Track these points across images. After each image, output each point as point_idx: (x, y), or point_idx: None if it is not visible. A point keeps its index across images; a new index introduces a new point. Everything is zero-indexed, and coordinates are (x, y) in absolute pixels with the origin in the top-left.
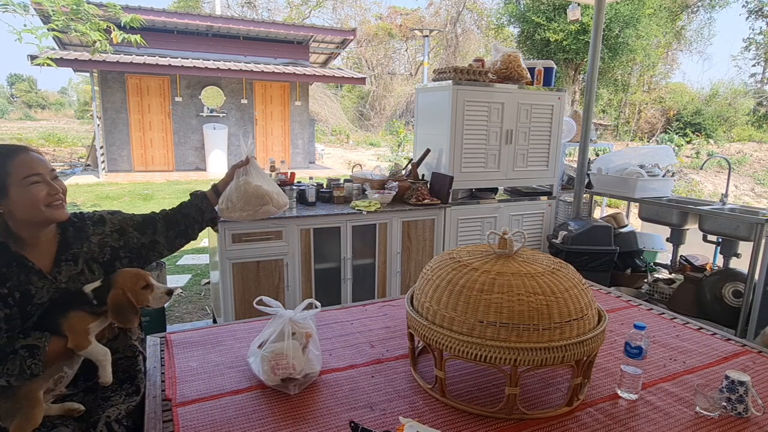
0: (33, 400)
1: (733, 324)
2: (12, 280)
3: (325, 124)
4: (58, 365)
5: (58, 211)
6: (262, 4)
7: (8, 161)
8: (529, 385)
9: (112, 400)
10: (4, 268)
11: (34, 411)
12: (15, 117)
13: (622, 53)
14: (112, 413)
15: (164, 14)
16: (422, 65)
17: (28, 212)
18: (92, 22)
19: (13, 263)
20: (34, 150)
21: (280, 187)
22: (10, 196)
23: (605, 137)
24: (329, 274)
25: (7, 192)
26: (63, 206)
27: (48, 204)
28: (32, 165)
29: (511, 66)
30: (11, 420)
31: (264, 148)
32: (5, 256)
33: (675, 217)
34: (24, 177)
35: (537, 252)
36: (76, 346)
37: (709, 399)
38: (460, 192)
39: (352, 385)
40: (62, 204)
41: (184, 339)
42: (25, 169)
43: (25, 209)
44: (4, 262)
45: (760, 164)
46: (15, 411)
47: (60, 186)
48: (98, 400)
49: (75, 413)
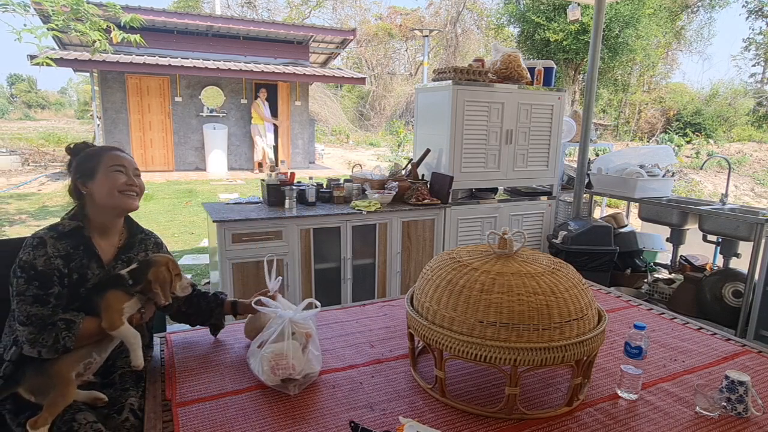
0: (66, 379)
1: (733, 324)
2: (76, 261)
3: (325, 124)
4: (88, 349)
5: (129, 200)
6: (262, 4)
7: (104, 153)
8: (529, 385)
9: (131, 393)
10: (72, 248)
11: (68, 389)
12: (15, 117)
13: (622, 53)
14: (135, 402)
15: (164, 14)
16: (422, 65)
17: (106, 195)
18: (92, 21)
19: (81, 245)
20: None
21: (281, 187)
22: (95, 179)
23: (605, 137)
24: (329, 274)
25: (94, 175)
26: (135, 198)
27: (122, 191)
28: (120, 159)
29: (511, 66)
30: (44, 396)
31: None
32: (77, 237)
33: (675, 217)
34: (110, 165)
35: (537, 252)
36: (109, 325)
37: (709, 399)
38: (460, 192)
39: (352, 385)
40: (135, 196)
41: (184, 339)
42: (114, 160)
43: (104, 191)
44: (75, 243)
45: (760, 164)
46: (49, 388)
47: (139, 182)
48: (119, 391)
49: (99, 402)
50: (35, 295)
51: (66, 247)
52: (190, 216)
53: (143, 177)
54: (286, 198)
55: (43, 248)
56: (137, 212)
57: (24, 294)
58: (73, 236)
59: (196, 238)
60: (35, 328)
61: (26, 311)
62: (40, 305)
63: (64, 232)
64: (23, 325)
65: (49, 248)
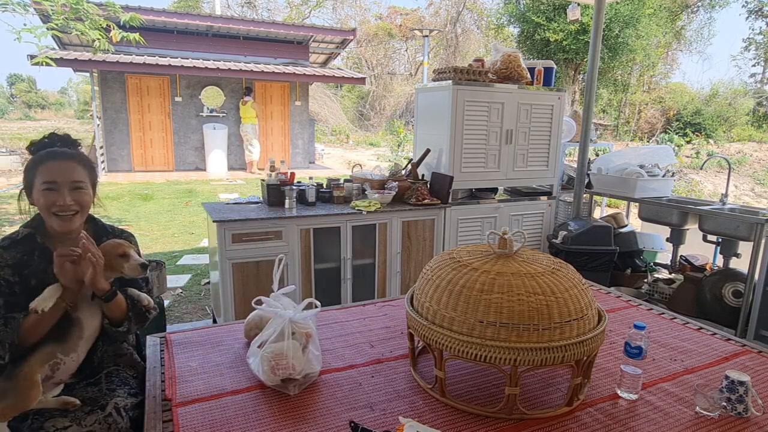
0: (30, 381)
1: (733, 324)
2: (31, 267)
3: (325, 124)
4: (52, 350)
5: (63, 222)
6: (262, 4)
7: (38, 167)
8: (529, 385)
9: (118, 392)
10: (27, 255)
11: (30, 392)
12: (15, 117)
13: (622, 53)
14: (120, 401)
15: (164, 14)
16: (422, 65)
17: (44, 212)
18: (92, 20)
19: (35, 252)
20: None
21: (281, 187)
22: (33, 195)
23: (605, 137)
24: (329, 274)
25: (31, 190)
26: (71, 219)
27: (54, 212)
28: (53, 174)
29: (511, 66)
30: (4, 400)
31: (264, 148)
32: (29, 244)
33: (675, 217)
34: (43, 182)
35: (537, 252)
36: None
37: (709, 399)
38: (460, 192)
39: (352, 385)
40: (71, 216)
41: (184, 339)
42: (46, 175)
43: (41, 208)
44: (28, 250)
45: (760, 164)
46: (9, 391)
47: (76, 198)
48: (104, 390)
49: (71, 406)
50: None
51: (15, 255)
52: (190, 216)
53: (143, 177)
54: (286, 198)
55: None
56: (137, 211)
57: None
58: (26, 243)
59: (196, 238)
60: None
61: None
62: None
63: (17, 239)
64: None
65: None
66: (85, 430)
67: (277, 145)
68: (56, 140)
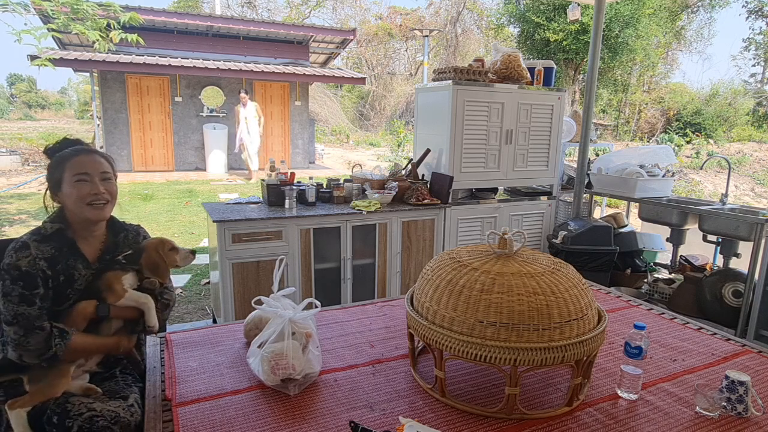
0: (63, 371)
1: (733, 324)
2: (61, 263)
3: (325, 124)
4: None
5: (96, 211)
6: (262, 4)
7: (67, 162)
8: (529, 385)
9: (133, 388)
10: (57, 251)
11: (60, 381)
12: (15, 117)
13: (622, 53)
14: (138, 397)
15: (164, 14)
16: (422, 65)
17: (75, 206)
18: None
19: (65, 247)
20: (94, 151)
21: (281, 187)
22: (62, 190)
23: (605, 137)
24: (329, 274)
25: (61, 186)
26: (103, 207)
27: (89, 202)
28: (84, 165)
29: (511, 66)
30: (35, 385)
31: (264, 148)
32: (60, 239)
33: (675, 217)
34: (74, 174)
35: (537, 252)
36: (115, 297)
37: (709, 399)
38: (460, 192)
39: (352, 385)
40: (104, 205)
41: (184, 339)
42: (77, 168)
43: (72, 202)
44: (58, 245)
45: (760, 164)
46: (42, 377)
47: (107, 187)
48: (120, 384)
49: (93, 393)
50: (21, 295)
51: (49, 250)
52: (190, 216)
53: (143, 177)
54: (286, 198)
55: (26, 250)
56: (137, 211)
57: (10, 294)
58: (56, 239)
59: (196, 238)
60: (21, 328)
61: (13, 311)
62: (26, 305)
63: (47, 235)
64: (9, 324)
65: (33, 250)
66: (109, 408)
67: (277, 145)
68: (72, 142)
